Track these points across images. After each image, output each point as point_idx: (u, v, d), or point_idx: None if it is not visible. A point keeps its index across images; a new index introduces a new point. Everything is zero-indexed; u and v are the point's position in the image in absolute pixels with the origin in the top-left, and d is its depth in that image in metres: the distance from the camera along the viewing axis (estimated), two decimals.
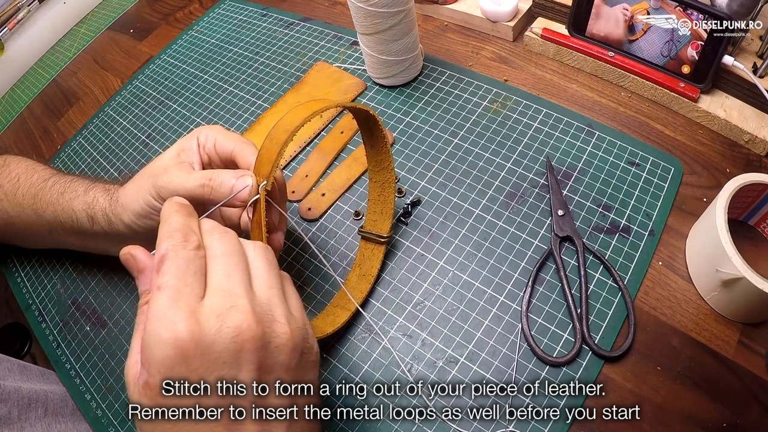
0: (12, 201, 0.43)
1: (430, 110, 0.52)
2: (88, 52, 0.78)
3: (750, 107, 0.45)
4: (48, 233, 0.43)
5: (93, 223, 0.39)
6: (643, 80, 0.48)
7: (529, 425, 0.34)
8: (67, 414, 0.40)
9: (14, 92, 0.77)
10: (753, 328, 0.36)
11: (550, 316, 0.38)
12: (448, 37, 0.59)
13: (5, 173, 0.45)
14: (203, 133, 0.37)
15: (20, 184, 0.43)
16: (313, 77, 0.58)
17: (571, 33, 0.51)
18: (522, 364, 0.36)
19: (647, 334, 0.36)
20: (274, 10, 0.70)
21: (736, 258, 0.32)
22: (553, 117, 0.48)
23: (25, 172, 0.44)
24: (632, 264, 0.39)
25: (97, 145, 0.61)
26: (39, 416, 0.38)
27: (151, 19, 0.79)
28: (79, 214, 0.39)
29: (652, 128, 0.47)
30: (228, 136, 0.36)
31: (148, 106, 0.63)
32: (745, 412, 0.33)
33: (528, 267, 0.40)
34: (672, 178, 0.43)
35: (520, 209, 0.43)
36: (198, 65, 0.66)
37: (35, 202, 0.42)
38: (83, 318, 0.47)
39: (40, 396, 0.39)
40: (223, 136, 0.36)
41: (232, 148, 0.35)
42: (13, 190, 0.43)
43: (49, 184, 0.42)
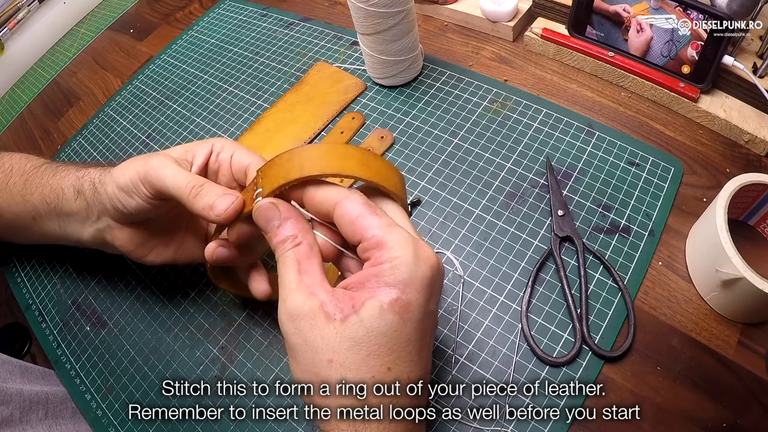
0: (3, 190, 0.43)
1: (430, 110, 0.52)
2: (88, 52, 0.78)
3: (750, 107, 0.45)
4: (32, 222, 0.42)
5: (77, 195, 0.38)
6: (643, 80, 0.48)
7: (529, 425, 0.34)
8: (67, 416, 0.40)
9: (14, 92, 0.77)
10: (753, 328, 0.36)
11: (550, 316, 0.38)
12: (448, 37, 0.59)
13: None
14: (221, 143, 0.37)
15: (13, 173, 0.43)
16: (313, 77, 0.58)
17: (571, 33, 0.51)
18: (522, 364, 0.36)
19: (647, 334, 0.36)
20: (274, 10, 0.70)
21: (736, 258, 0.32)
22: (553, 117, 0.48)
23: (19, 162, 0.44)
24: (632, 264, 0.39)
25: (97, 145, 0.61)
26: (40, 418, 0.38)
27: (151, 19, 0.79)
28: (66, 189, 0.39)
29: (652, 128, 0.47)
30: (248, 152, 0.36)
31: (148, 106, 0.63)
32: (745, 412, 0.33)
33: (528, 267, 0.40)
34: (672, 178, 0.43)
35: (520, 209, 0.43)
36: (198, 65, 0.66)
37: (24, 187, 0.42)
38: (83, 318, 0.47)
39: (41, 398, 0.39)
40: (242, 151, 0.36)
41: (248, 162, 0.35)
42: (5, 179, 0.43)
43: (42, 169, 0.42)
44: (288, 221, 0.28)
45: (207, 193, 0.31)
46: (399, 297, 0.25)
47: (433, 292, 0.27)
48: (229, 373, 0.40)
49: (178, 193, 0.32)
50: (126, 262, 0.48)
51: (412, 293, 0.25)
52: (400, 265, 0.25)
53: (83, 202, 0.38)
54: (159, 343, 0.43)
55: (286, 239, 0.28)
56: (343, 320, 0.25)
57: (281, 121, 0.55)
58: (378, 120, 0.52)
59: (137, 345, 0.44)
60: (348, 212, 0.27)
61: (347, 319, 0.25)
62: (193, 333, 0.43)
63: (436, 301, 0.27)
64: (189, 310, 0.44)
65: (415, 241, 0.26)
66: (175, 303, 0.45)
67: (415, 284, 0.25)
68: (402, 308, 0.25)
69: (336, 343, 0.25)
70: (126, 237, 0.38)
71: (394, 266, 0.25)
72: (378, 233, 0.26)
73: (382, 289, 0.25)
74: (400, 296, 0.25)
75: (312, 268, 0.27)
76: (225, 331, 0.42)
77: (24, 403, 0.37)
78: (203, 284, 0.45)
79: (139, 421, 0.39)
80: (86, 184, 0.38)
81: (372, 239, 0.26)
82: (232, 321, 0.43)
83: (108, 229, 0.38)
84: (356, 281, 0.27)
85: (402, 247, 0.26)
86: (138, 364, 0.42)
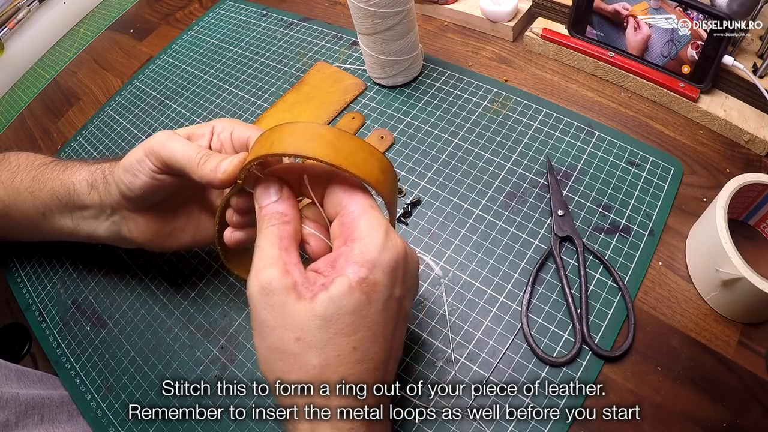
0: (9, 187, 0.43)
1: (430, 110, 0.52)
2: (88, 52, 0.78)
3: (750, 107, 0.45)
4: (42, 218, 0.42)
5: (91, 189, 0.39)
6: (643, 80, 0.48)
7: (529, 425, 0.34)
8: (63, 420, 0.40)
9: (14, 92, 0.77)
10: (753, 328, 0.36)
11: (550, 316, 0.38)
12: (448, 37, 0.59)
13: (5, 164, 0.45)
14: (221, 124, 0.37)
15: (20, 170, 0.44)
16: (313, 77, 0.58)
17: (571, 33, 0.51)
18: (522, 364, 0.36)
19: (647, 334, 0.36)
20: (274, 10, 0.70)
21: (736, 258, 0.32)
22: (553, 117, 0.48)
23: (26, 160, 0.45)
24: (632, 264, 0.39)
25: (97, 145, 0.61)
26: (36, 422, 0.38)
27: (151, 19, 0.79)
28: (78, 184, 0.40)
29: (652, 128, 0.47)
30: (246, 126, 0.37)
31: (148, 106, 0.63)
32: (745, 412, 0.33)
33: (528, 267, 0.40)
34: (672, 178, 0.43)
35: (520, 209, 0.43)
36: (198, 65, 0.66)
37: (33, 183, 0.42)
38: (83, 318, 0.47)
39: (38, 402, 0.39)
40: (241, 126, 0.37)
41: (248, 135, 0.35)
42: (12, 177, 0.43)
43: (51, 166, 0.43)
44: (284, 201, 0.29)
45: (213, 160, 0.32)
46: (366, 276, 0.26)
47: (398, 278, 0.28)
48: (229, 373, 0.40)
49: (187, 162, 0.33)
50: (126, 261, 0.48)
51: (378, 274, 0.26)
52: (369, 245, 0.26)
53: (96, 196, 0.39)
54: (159, 343, 0.43)
55: (277, 214, 0.29)
56: (312, 298, 0.26)
57: (281, 121, 0.54)
58: (378, 120, 0.52)
59: (137, 345, 0.44)
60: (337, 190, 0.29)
61: (316, 297, 0.26)
62: (193, 333, 0.43)
63: (402, 289, 0.28)
64: (189, 310, 0.44)
65: (387, 226, 0.28)
66: (175, 303, 0.45)
67: (382, 266, 0.26)
68: (369, 287, 0.26)
69: (304, 322, 0.26)
70: (142, 227, 0.38)
71: (364, 245, 0.26)
72: (358, 209, 0.28)
73: (351, 266, 0.26)
74: (368, 276, 0.26)
75: (292, 249, 0.28)
76: (225, 331, 0.42)
77: (20, 408, 0.37)
78: (203, 284, 0.45)
79: (139, 421, 0.39)
80: (99, 178, 0.39)
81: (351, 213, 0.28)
82: (232, 321, 0.43)
83: (123, 221, 0.38)
84: (325, 263, 0.28)
85: (375, 228, 0.27)
86: (138, 364, 0.42)
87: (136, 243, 0.39)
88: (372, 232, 0.27)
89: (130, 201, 0.37)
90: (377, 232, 0.27)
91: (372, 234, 0.27)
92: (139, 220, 0.38)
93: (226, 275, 0.45)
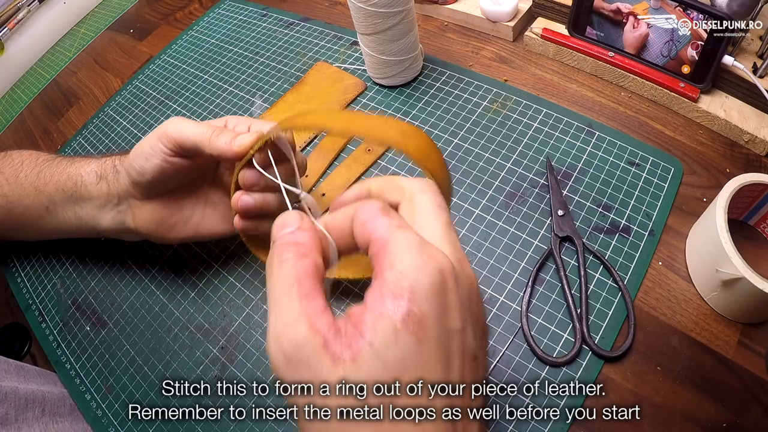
0: (14, 183, 0.43)
1: (430, 110, 0.52)
2: (88, 52, 0.78)
3: (750, 107, 0.45)
4: (45, 213, 0.43)
5: (99, 180, 0.40)
6: (643, 80, 0.48)
7: (529, 425, 0.34)
8: (65, 414, 0.40)
9: (14, 92, 0.77)
10: (753, 328, 0.36)
11: (550, 316, 0.38)
12: (448, 37, 0.59)
13: (8, 161, 0.45)
14: (234, 119, 0.38)
15: (23, 167, 0.44)
16: (313, 77, 0.58)
17: (571, 33, 0.51)
18: (522, 364, 0.36)
19: (647, 334, 0.36)
20: (274, 10, 0.70)
21: (736, 258, 0.32)
22: (553, 117, 0.48)
23: (29, 157, 0.45)
24: (632, 264, 0.39)
25: (97, 145, 0.61)
26: (36, 416, 0.38)
27: (151, 19, 0.79)
28: (87, 175, 0.40)
29: (652, 128, 0.47)
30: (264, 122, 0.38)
31: (148, 106, 0.63)
32: (745, 412, 0.33)
33: (528, 267, 0.40)
34: (672, 178, 0.43)
35: (520, 209, 0.43)
36: (198, 65, 0.66)
37: (38, 178, 0.43)
38: (83, 318, 0.47)
39: (38, 396, 0.39)
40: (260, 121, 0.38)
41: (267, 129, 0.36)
42: (16, 172, 0.44)
43: (57, 161, 0.43)
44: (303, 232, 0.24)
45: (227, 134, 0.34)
46: (410, 310, 0.20)
47: (449, 304, 0.21)
48: (229, 373, 0.40)
49: (199, 138, 0.34)
50: (126, 261, 0.48)
51: (423, 303, 0.20)
52: (403, 268, 0.21)
53: (105, 185, 0.39)
54: (159, 343, 0.43)
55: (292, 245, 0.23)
56: (354, 358, 0.20)
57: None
58: None
59: (137, 345, 0.44)
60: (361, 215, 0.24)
61: (358, 355, 0.20)
62: (193, 333, 0.43)
63: (459, 319, 0.22)
64: (189, 310, 0.44)
65: (421, 241, 0.22)
66: (175, 303, 0.45)
67: (424, 292, 0.20)
68: (416, 325, 0.20)
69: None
70: (146, 216, 0.38)
71: (398, 270, 0.21)
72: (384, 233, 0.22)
73: (388, 300, 0.20)
74: (412, 308, 0.20)
75: (315, 292, 0.22)
76: (225, 331, 0.42)
77: (19, 402, 0.37)
78: (203, 284, 0.45)
79: (139, 421, 0.39)
80: (108, 168, 0.40)
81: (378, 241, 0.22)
82: (232, 321, 0.43)
83: (128, 210, 0.39)
84: (360, 307, 0.22)
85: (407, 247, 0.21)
86: (138, 364, 0.42)
87: (139, 233, 0.40)
88: (404, 252, 0.21)
89: (139, 188, 0.37)
90: (410, 251, 0.21)
91: (404, 254, 0.21)
92: (145, 209, 0.38)
93: (227, 275, 0.45)
